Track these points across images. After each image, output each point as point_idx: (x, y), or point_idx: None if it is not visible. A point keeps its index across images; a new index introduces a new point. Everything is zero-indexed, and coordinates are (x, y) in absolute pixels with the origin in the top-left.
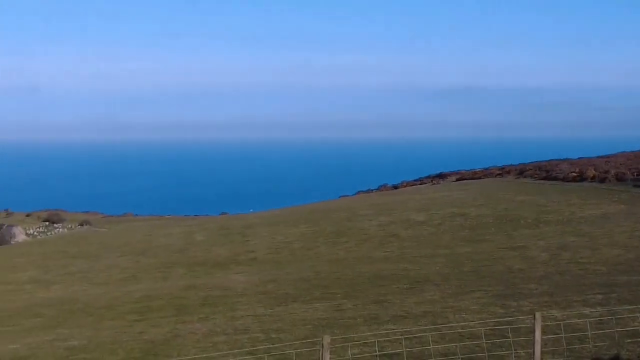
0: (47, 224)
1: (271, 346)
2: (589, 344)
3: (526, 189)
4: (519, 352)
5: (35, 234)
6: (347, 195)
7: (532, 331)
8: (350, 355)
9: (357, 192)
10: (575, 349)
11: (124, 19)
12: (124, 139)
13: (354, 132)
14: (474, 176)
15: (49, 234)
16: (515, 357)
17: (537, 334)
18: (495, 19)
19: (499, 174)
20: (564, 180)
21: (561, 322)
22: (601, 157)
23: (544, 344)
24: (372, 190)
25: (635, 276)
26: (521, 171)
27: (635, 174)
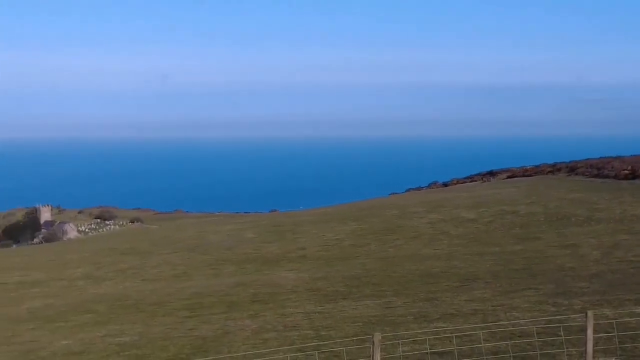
0: (98, 220)
1: (321, 343)
2: None
3: (577, 187)
4: (570, 350)
5: (87, 230)
6: (397, 192)
7: (583, 329)
8: (400, 352)
9: (407, 190)
10: (627, 348)
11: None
12: (176, 137)
13: (405, 130)
14: (524, 173)
15: (100, 230)
16: (566, 355)
17: (589, 332)
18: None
19: (550, 172)
20: (615, 178)
21: (613, 321)
22: None
23: (596, 343)
24: (422, 187)
25: None
26: (572, 169)
27: None
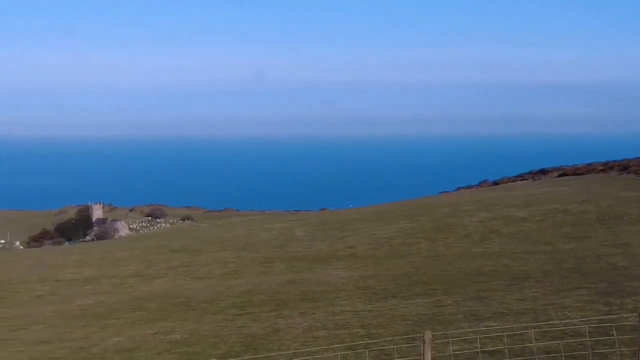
0: (149, 218)
1: (371, 342)
2: None
3: (630, 185)
4: (622, 350)
5: (137, 228)
6: (447, 191)
7: (636, 329)
8: (451, 351)
9: (458, 188)
10: None
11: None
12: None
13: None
14: (576, 172)
15: (151, 228)
16: (619, 355)
17: None
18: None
19: (602, 170)
20: None
21: None
22: None
23: None
24: (472, 186)
25: None
26: (625, 167)
27: None
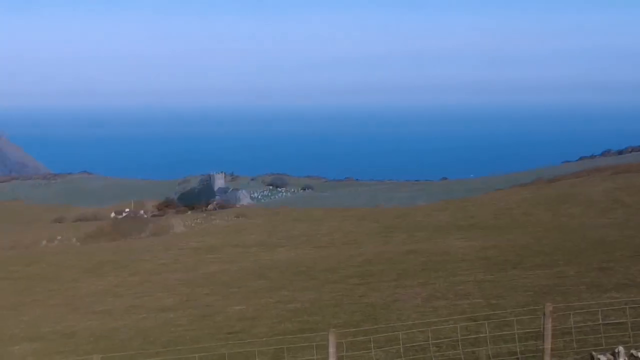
0: (271, 187)
1: (491, 313)
2: None
3: None
4: None
5: (259, 197)
6: (569, 161)
7: None
8: (572, 323)
9: (580, 158)
10: None
11: None
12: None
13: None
14: None
15: (272, 197)
16: None
17: None
18: None
19: None
20: None
21: None
22: None
23: None
24: (595, 156)
25: None
26: None
27: None
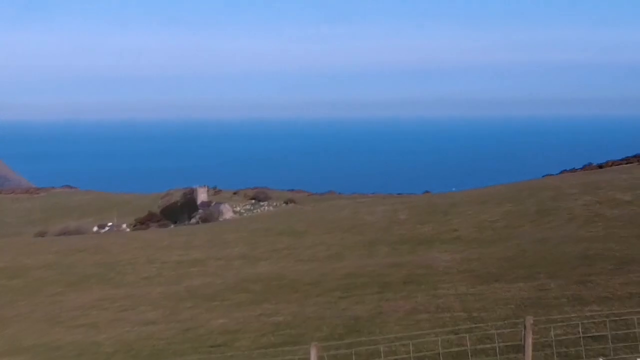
0: (253, 201)
1: (473, 326)
2: None
3: None
4: None
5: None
6: (551, 174)
7: None
8: (553, 336)
9: (562, 172)
10: None
11: None
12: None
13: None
14: None
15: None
16: None
17: None
18: None
19: None
20: None
21: None
22: None
23: None
24: (576, 169)
25: None
26: None
27: None
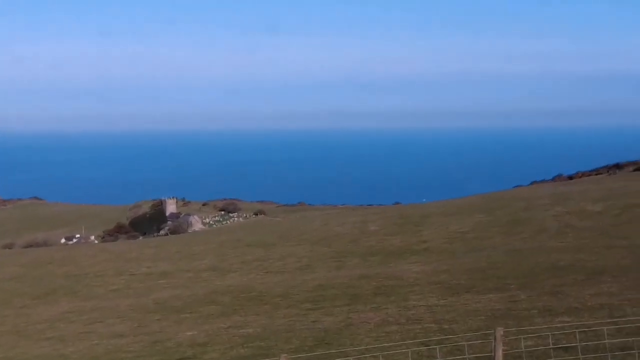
0: (222, 213)
1: (444, 337)
2: None
3: None
4: None
5: (211, 223)
6: (521, 185)
7: None
8: (523, 347)
9: (532, 183)
10: None
11: None
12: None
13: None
14: None
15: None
16: None
17: None
18: None
19: None
20: None
21: None
22: None
23: None
24: (547, 180)
25: None
26: None
27: None
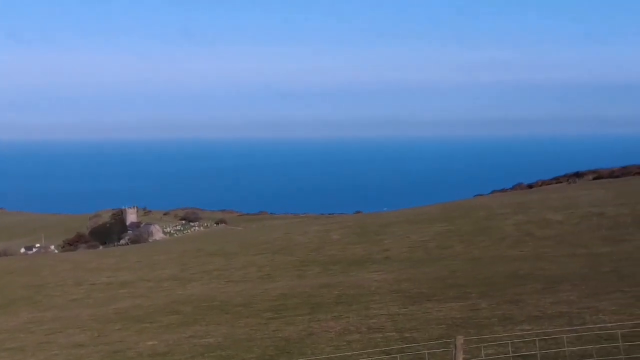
0: (183, 222)
1: (405, 346)
2: None
3: None
4: None
5: (172, 232)
6: (482, 194)
7: None
8: (484, 355)
9: (493, 192)
10: None
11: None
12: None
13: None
14: (612, 175)
15: (185, 232)
16: None
17: None
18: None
19: (637, 173)
20: None
21: None
22: None
23: None
24: (507, 189)
25: None
26: None
27: None
